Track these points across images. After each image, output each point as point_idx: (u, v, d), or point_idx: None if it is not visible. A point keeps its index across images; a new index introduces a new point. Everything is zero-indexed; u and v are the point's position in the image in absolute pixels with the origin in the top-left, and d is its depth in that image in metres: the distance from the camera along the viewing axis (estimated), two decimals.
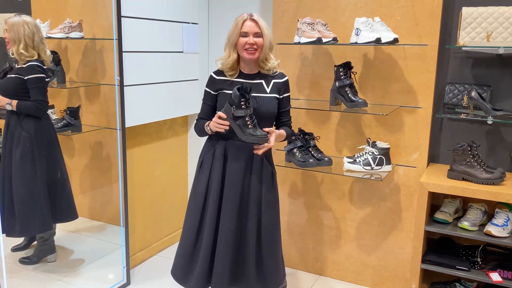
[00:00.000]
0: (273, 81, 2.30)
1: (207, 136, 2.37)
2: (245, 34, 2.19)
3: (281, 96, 2.31)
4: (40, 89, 2.63)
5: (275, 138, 2.21)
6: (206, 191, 2.30)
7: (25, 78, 2.59)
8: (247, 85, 2.14)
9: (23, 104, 2.62)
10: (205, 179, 2.30)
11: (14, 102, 2.60)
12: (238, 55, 2.26)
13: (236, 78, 2.27)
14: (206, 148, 2.35)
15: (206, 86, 2.33)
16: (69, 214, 2.95)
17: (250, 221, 2.29)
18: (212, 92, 2.30)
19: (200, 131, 2.35)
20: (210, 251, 2.28)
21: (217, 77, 2.29)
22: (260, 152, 2.20)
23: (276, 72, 2.33)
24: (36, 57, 2.61)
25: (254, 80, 2.28)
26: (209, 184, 2.29)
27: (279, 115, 2.35)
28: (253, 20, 2.20)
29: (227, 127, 2.15)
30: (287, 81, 2.35)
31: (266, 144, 2.16)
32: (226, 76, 2.28)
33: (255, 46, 2.19)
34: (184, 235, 2.37)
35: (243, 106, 2.11)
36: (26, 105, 2.62)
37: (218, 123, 2.16)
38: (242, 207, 2.28)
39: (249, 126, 2.13)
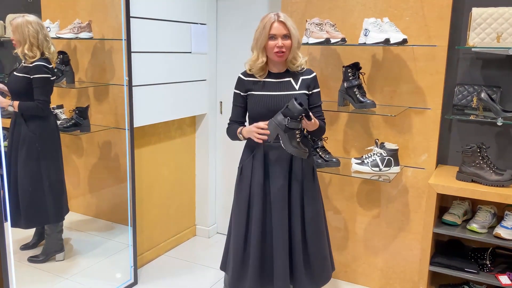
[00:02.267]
0: (301, 77, 2.31)
1: (245, 142, 2.39)
2: (274, 37, 2.19)
3: (310, 92, 2.32)
4: (43, 89, 2.67)
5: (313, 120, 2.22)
6: (249, 196, 2.32)
7: (32, 77, 2.63)
8: (300, 99, 2.17)
9: (24, 105, 2.66)
10: (247, 185, 2.32)
11: (16, 103, 2.64)
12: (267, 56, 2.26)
13: (265, 78, 2.28)
14: (245, 154, 2.37)
15: (235, 88, 2.35)
16: (65, 209, 2.99)
17: (295, 216, 2.31)
18: (242, 94, 2.32)
19: (233, 136, 2.37)
20: (260, 254, 2.31)
21: (246, 78, 2.31)
22: (309, 126, 2.20)
23: (304, 68, 2.33)
24: (39, 56, 2.64)
25: (282, 78, 2.29)
26: (251, 189, 2.31)
27: (311, 110, 2.33)
28: (281, 22, 2.19)
29: (266, 138, 2.16)
30: (315, 76, 2.35)
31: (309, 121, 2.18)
32: (253, 77, 2.29)
33: (283, 49, 2.20)
34: (233, 243, 2.38)
35: (298, 119, 2.12)
36: (28, 105, 2.67)
37: (258, 133, 2.17)
38: (288, 203, 2.31)
39: (297, 139, 2.16)
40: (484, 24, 2.42)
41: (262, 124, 2.18)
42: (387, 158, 2.66)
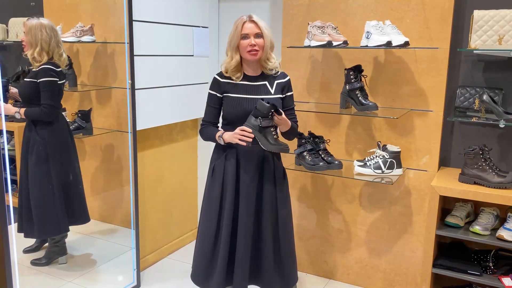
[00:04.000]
0: (276, 81, 2.33)
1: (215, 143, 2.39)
2: (246, 36, 2.22)
3: (284, 95, 2.35)
4: (49, 92, 2.64)
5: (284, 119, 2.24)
6: (221, 195, 2.32)
7: (38, 81, 2.61)
8: (276, 103, 2.19)
9: (30, 111, 2.64)
10: (219, 184, 2.32)
11: (22, 110, 2.62)
12: (241, 57, 2.27)
13: (240, 80, 2.29)
14: (217, 154, 2.38)
15: (210, 89, 2.35)
16: (82, 217, 2.98)
17: (266, 219, 2.32)
18: (218, 95, 2.33)
19: (209, 138, 2.36)
20: (228, 252, 2.31)
21: (222, 80, 2.32)
22: (281, 123, 2.22)
23: (278, 72, 2.36)
24: (46, 60, 2.61)
25: (257, 82, 2.31)
26: (223, 189, 2.32)
27: (285, 113, 2.34)
28: (253, 22, 2.23)
29: (250, 140, 2.15)
30: (289, 80, 2.39)
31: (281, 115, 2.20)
32: (229, 79, 2.31)
33: (256, 47, 2.21)
34: (201, 240, 2.39)
35: (269, 117, 2.15)
36: (33, 111, 2.64)
37: (242, 135, 2.15)
38: (257, 206, 2.32)
39: (274, 136, 2.18)
40: (486, 26, 2.43)
41: (245, 127, 2.17)
42: (389, 160, 2.66)
